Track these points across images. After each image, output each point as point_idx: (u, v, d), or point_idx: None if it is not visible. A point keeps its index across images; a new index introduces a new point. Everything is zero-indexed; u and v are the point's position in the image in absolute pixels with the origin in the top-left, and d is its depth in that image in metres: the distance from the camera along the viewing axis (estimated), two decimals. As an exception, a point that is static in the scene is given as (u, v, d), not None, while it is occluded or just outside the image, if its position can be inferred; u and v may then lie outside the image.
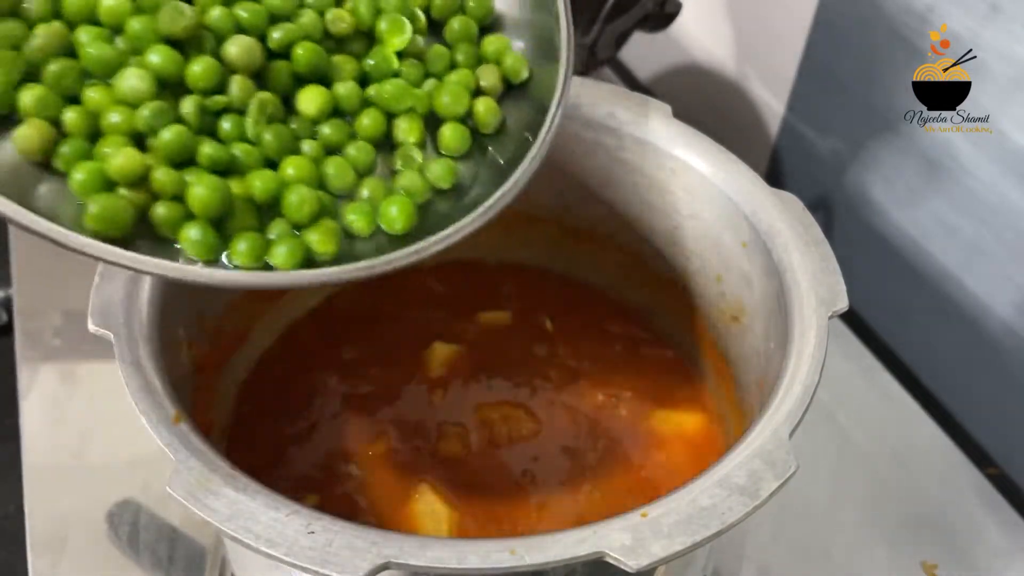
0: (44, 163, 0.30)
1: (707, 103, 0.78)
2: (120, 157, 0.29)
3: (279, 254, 0.31)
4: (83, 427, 0.52)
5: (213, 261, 0.31)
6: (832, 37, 0.63)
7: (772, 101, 0.70)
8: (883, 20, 0.57)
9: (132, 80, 0.30)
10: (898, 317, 0.64)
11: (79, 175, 0.29)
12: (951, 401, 0.61)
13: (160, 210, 0.30)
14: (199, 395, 0.41)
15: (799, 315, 0.37)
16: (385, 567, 0.28)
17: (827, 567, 0.49)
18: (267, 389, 0.47)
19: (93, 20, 0.32)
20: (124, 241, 0.30)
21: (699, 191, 0.45)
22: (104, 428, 0.52)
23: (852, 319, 0.64)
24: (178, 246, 0.31)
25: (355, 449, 0.45)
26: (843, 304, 0.38)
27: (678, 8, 0.64)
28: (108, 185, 0.30)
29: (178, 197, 0.31)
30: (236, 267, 0.31)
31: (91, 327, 0.35)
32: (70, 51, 0.31)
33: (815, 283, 0.38)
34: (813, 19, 0.63)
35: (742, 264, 0.44)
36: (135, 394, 0.33)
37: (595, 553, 0.29)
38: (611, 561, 0.29)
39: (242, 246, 0.31)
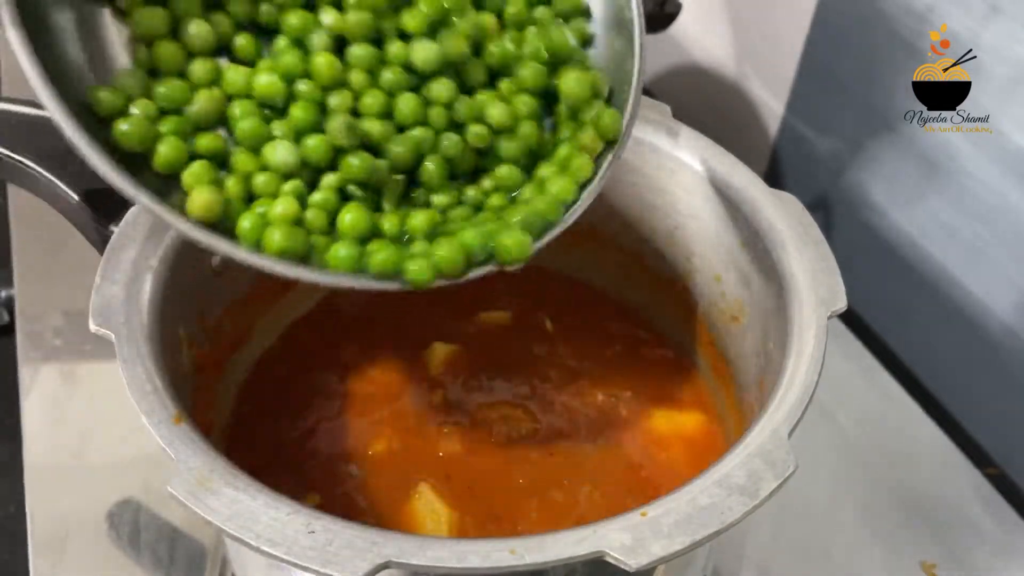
0: None
1: (707, 103, 0.78)
2: (280, 207, 0.33)
3: (412, 269, 0.34)
4: (84, 427, 0.53)
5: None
6: (831, 37, 0.63)
7: (771, 101, 0.70)
8: (882, 20, 0.57)
9: (284, 155, 0.34)
10: (897, 317, 0.64)
11: (245, 223, 0.33)
12: (950, 401, 0.61)
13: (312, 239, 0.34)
14: (199, 395, 0.41)
15: (798, 315, 0.38)
16: (385, 567, 0.28)
17: (826, 567, 0.50)
18: (267, 389, 0.47)
19: (248, 95, 0.35)
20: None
21: (699, 191, 0.45)
22: (105, 428, 0.52)
23: (851, 319, 0.64)
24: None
25: (355, 449, 0.45)
26: (842, 304, 0.38)
27: (678, 8, 0.64)
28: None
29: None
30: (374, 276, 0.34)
31: (92, 327, 0.35)
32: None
33: (814, 283, 0.38)
34: (812, 19, 0.63)
35: (741, 264, 0.44)
36: (135, 394, 0.33)
37: (595, 552, 0.29)
38: (611, 561, 0.29)
39: (380, 256, 0.34)
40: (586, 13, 0.40)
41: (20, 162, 0.46)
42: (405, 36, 0.36)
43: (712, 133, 0.45)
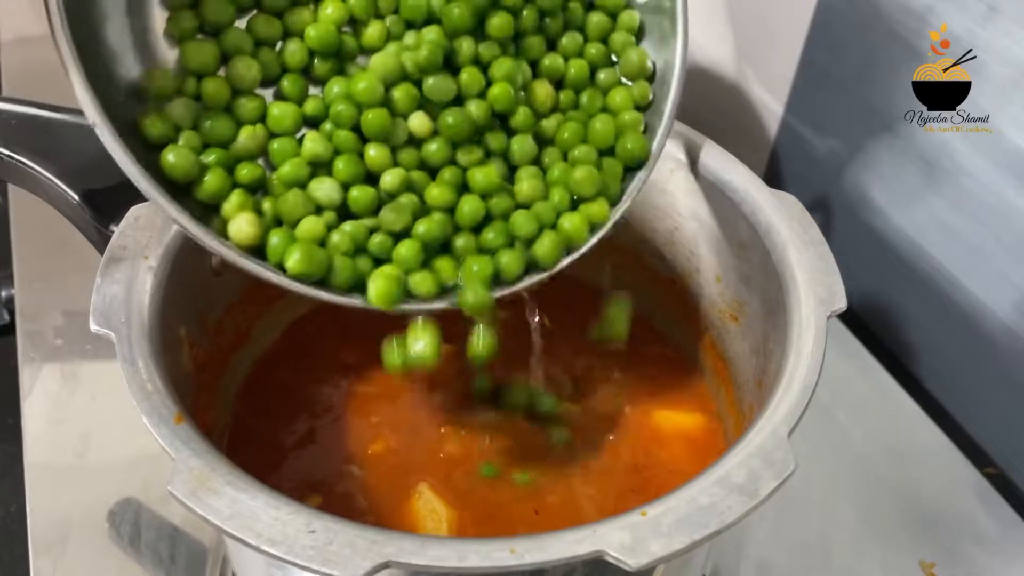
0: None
1: (707, 103, 0.78)
2: (307, 223, 0.35)
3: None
4: (84, 427, 0.53)
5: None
6: (831, 38, 0.63)
7: (771, 101, 0.70)
8: (881, 21, 0.57)
9: (329, 193, 0.35)
10: (897, 317, 0.64)
11: (274, 239, 0.35)
12: (949, 401, 0.61)
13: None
14: (200, 395, 0.41)
15: (798, 315, 0.38)
16: (385, 566, 0.28)
17: (826, 566, 0.50)
18: (268, 389, 0.47)
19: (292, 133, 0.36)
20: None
21: (698, 191, 0.45)
22: (105, 428, 0.52)
23: (851, 319, 0.64)
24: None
25: (355, 449, 0.45)
26: (841, 304, 0.38)
27: (677, 9, 0.64)
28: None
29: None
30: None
31: (92, 327, 0.35)
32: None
33: (814, 283, 0.38)
34: (812, 20, 0.63)
35: (741, 264, 0.44)
36: (136, 394, 0.33)
37: (595, 552, 0.29)
38: (611, 560, 0.29)
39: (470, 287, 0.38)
40: (651, 77, 0.42)
41: (20, 162, 0.46)
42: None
43: (712, 133, 0.45)
